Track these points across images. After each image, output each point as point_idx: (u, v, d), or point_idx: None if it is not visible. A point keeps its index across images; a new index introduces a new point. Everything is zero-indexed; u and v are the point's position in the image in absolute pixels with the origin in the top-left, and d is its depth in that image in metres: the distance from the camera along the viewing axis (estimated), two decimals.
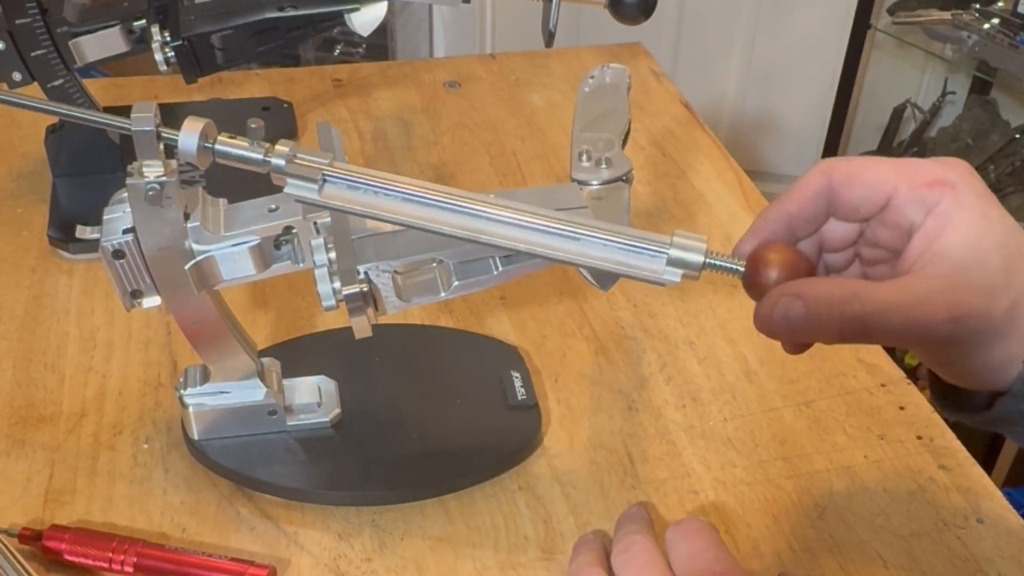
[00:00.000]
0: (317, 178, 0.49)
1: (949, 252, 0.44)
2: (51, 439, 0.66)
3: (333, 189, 0.49)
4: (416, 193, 0.49)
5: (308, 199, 0.49)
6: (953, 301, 0.43)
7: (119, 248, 0.54)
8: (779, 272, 0.46)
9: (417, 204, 0.49)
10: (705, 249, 0.48)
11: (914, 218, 0.46)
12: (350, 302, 0.54)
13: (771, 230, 0.49)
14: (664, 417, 0.69)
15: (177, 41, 0.79)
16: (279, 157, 0.49)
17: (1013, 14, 1.72)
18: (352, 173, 0.49)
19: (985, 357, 0.45)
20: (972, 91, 2.02)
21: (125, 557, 0.56)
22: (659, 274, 0.48)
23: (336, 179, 0.49)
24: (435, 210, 0.49)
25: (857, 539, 0.61)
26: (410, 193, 0.49)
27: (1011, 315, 0.44)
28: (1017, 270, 0.44)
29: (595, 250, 0.48)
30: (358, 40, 2.10)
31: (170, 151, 0.51)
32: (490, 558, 0.60)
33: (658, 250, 0.48)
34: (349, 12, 0.81)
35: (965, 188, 0.45)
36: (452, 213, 0.49)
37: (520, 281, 0.78)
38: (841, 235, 0.49)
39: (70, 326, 0.75)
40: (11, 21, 0.76)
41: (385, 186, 0.49)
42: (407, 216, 0.49)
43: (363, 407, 0.66)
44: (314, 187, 0.49)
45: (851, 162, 0.48)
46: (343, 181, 0.49)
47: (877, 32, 1.93)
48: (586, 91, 0.68)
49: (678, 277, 0.48)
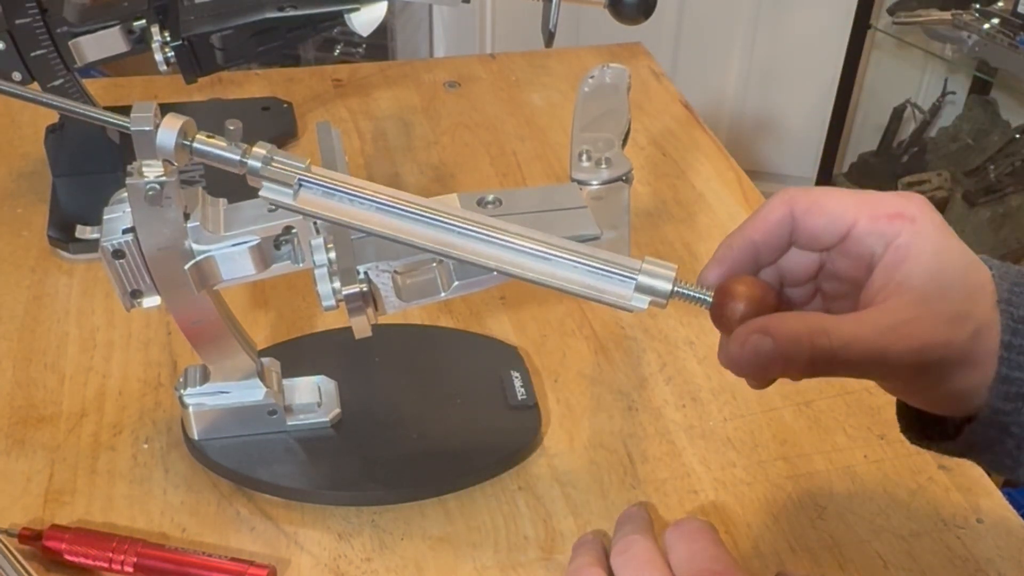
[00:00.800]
0: (292, 182, 0.49)
1: (910, 283, 0.45)
2: (51, 439, 0.66)
3: (308, 195, 0.49)
4: (390, 203, 0.49)
5: (282, 203, 0.49)
6: (917, 332, 0.44)
7: (119, 248, 0.54)
8: (746, 306, 0.46)
9: (390, 214, 0.49)
10: (674, 278, 0.48)
11: (875, 249, 0.46)
12: (350, 302, 0.54)
13: (735, 259, 0.49)
14: (664, 417, 0.69)
15: (177, 41, 0.79)
16: (255, 159, 0.48)
17: (1013, 14, 1.72)
18: (328, 179, 0.49)
19: (951, 386, 0.46)
20: (972, 91, 2.02)
21: (125, 557, 0.56)
22: (627, 300, 0.48)
23: (311, 184, 0.49)
24: (408, 222, 0.49)
25: (857, 539, 0.61)
26: (384, 203, 0.49)
27: (974, 344, 0.45)
28: (978, 299, 0.45)
29: (565, 271, 0.48)
30: (358, 40, 2.10)
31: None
32: (490, 558, 0.60)
33: (627, 275, 0.48)
34: (349, 12, 0.81)
35: (924, 221, 0.46)
36: (425, 226, 0.49)
37: (520, 281, 0.78)
38: (803, 268, 0.50)
39: (70, 326, 0.75)
40: (11, 21, 0.76)
41: (360, 194, 0.49)
42: (379, 226, 0.49)
43: (363, 407, 0.66)
44: (289, 191, 0.49)
45: (812, 192, 0.48)
46: (318, 187, 0.49)
47: (877, 32, 1.94)
48: (586, 91, 0.67)
49: (645, 304, 0.48)
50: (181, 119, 0.48)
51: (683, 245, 0.85)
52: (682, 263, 0.83)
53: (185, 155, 0.49)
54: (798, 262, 0.50)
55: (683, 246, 0.85)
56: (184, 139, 0.48)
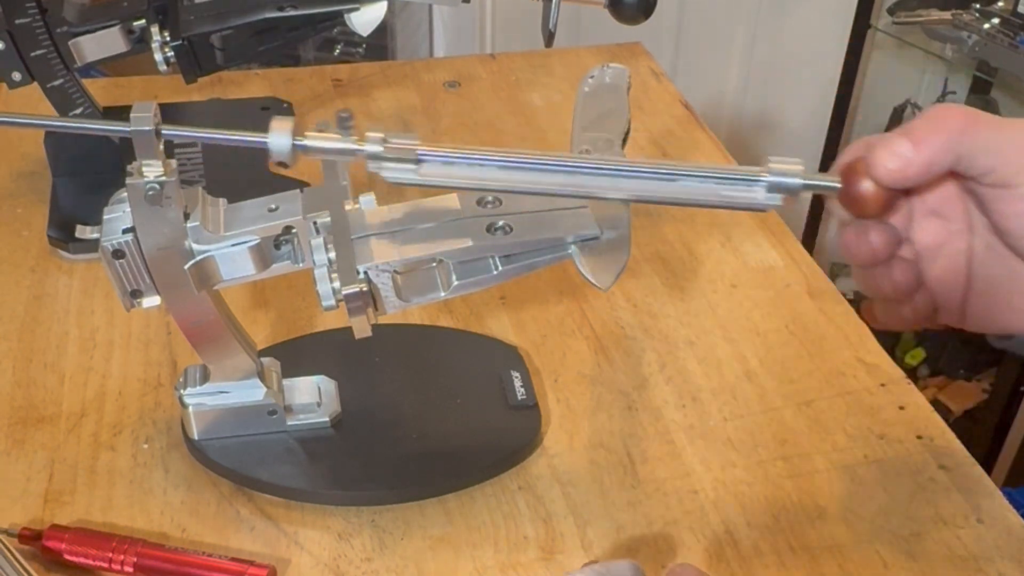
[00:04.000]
0: (413, 159, 0.49)
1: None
2: (51, 439, 0.66)
3: (429, 167, 0.50)
4: (509, 160, 0.50)
5: (407, 181, 0.49)
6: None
7: (119, 248, 0.54)
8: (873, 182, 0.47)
9: (513, 170, 0.50)
10: (801, 171, 0.48)
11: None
12: (350, 302, 0.54)
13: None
14: (664, 417, 0.69)
15: (177, 41, 0.79)
16: (373, 144, 0.49)
17: (1013, 14, 1.72)
18: (444, 149, 0.50)
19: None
20: (972, 91, 2.01)
21: (125, 557, 0.56)
22: (760, 201, 0.49)
23: (430, 157, 0.49)
24: (531, 173, 0.50)
25: (857, 539, 0.61)
26: (503, 160, 0.50)
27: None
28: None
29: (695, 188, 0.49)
30: (358, 40, 2.09)
31: (169, 150, 0.51)
32: (490, 558, 0.60)
33: (756, 179, 0.49)
34: (349, 12, 0.81)
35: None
36: (550, 173, 0.50)
37: (520, 281, 0.78)
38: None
39: (70, 326, 0.75)
40: (11, 21, 0.76)
41: (478, 157, 0.50)
42: (506, 183, 0.50)
43: (363, 407, 0.66)
44: (412, 168, 0.49)
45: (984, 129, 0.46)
46: (438, 158, 0.50)
47: (877, 32, 1.93)
48: (586, 91, 0.67)
49: (779, 201, 0.49)
50: (289, 120, 0.48)
51: (683, 245, 0.85)
52: (682, 263, 0.83)
53: (299, 156, 0.49)
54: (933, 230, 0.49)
55: (683, 246, 0.85)
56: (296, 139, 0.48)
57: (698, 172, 0.49)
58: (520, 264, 0.56)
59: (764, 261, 0.84)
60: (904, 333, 1.95)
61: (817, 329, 0.77)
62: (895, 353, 1.93)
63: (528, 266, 0.56)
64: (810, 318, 0.78)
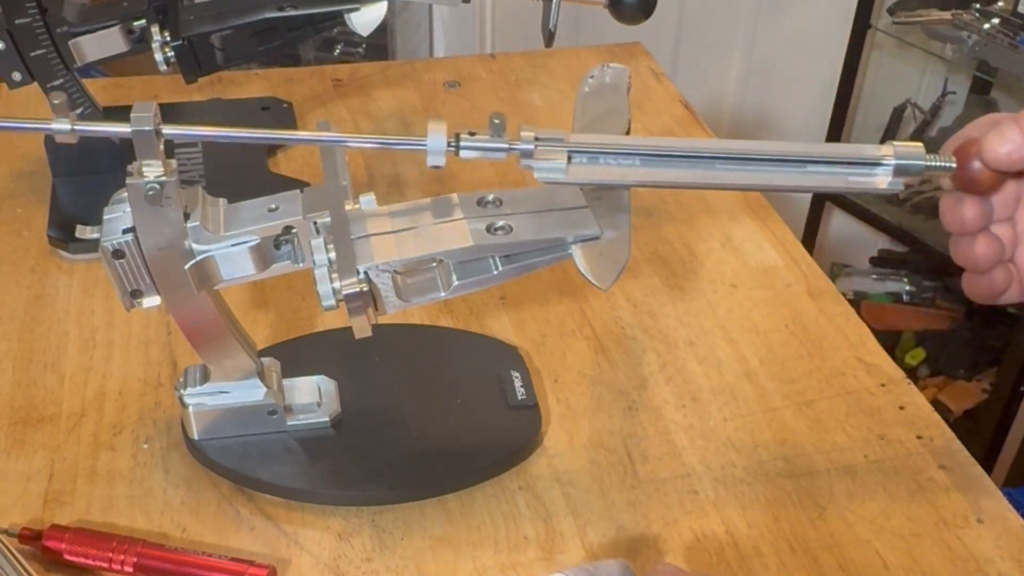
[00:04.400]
0: (563, 158, 0.51)
1: None
2: (51, 439, 0.66)
3: (577, 166, 0.52)
4: (652, 152, 0.52)
5: (556, 180, 0.51)
6: None
7: (119, 248, 0.54)
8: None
9: (654, 164, 0.52)
10: (924, 154, 0.51)
11: None
12: (350, 302, 0.54)
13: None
14: (664, 417, 0.69)
15: (177, 41, 0.79)
16: (526, 143, 0.51)
17: (1013, 14, 1.72)
18: (592, 145, 0.51)
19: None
20: (972, 91, 2.01)
21: (125, 557, 0.56)
22: (884, 184, 0.52)
23: (580, 154, 0.51)
24: (671, 167, 0.52)
25: (857, 539, 0.61)
26: (646, 153, 0.52)
27: None
28: None
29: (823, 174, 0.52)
30: (358, 40, 2.09)
31: (169, 150, 0.51)
32: (490, 558, 0.60)
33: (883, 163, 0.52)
34: (349, 12, 0.81)
35: None
36: (688, 166, 0.52)
37: (520, 281, 0.78)
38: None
39: (70, 326, 0.75)
40: (11, 21, 0.76)
41: (622, 151, 0.52)
42: (647, 177, 0.52)
43: (363, 407, 0.66)
44: (560, 167, 0.51)
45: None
46: (585, 155, 0.51)
47: (877, 32, 1.93)
48: (586, 91, 0.67)
49: (901, 185, 0.52)
50: (442, 123, 0.50)
51: (683, 245, 0.85)
52: (682, 263, 0.83)
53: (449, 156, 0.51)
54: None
55: (683, 246, 0.85)
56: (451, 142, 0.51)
57: (827, 158, 0.52)
58: (520, 264, 0.56)
59: (764, 261, 0.84)
60: (904, 333, 1.95)
61: (817, 329, 0.77)
62: (895, 353, 1.93)
63: (528, 266, 0.56)
64: (810, 318, 0.78)
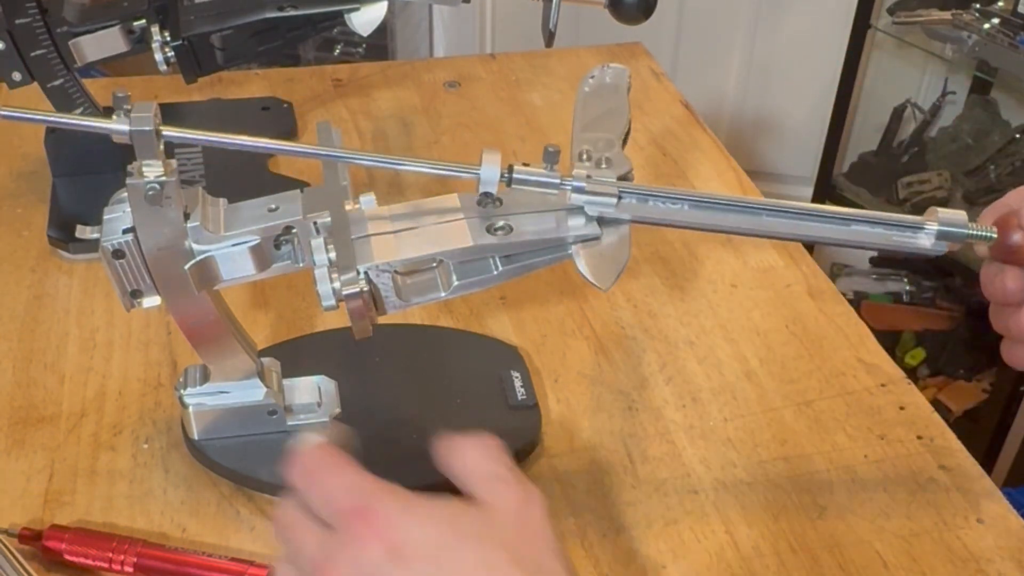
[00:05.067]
0: (615, 195, 0.54)
1: None
2: (51, 439, 0.66)
3: (627, 203, 0.54)
4: (700, 199, 0.54)
5: (607, 215, 0.54)
6: None
7: (119, 248, 0.54)
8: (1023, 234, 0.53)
9: (702, 209, 0.54)
10: (966, 222, 0.54)
11: None
12: (350, 302, 0.54)
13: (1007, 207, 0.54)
14: (664, 417, 0.69)
15: (177, 41, 0.79)
16: (578, 181, 0.54)
17: (1013, 14, 1.72)
18: (641, 189, 0.54)
19: None
20: (972, 91, 2.01)
21: (125, 557, 0.56)
22: (927, 247, 0.54)
23: (629, 194, 0.54)
24: (719, 213, 0.54)
25: (857, 539, 0.61)
26: (695, 199, 0.54)
27: None
28: None
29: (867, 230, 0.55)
30: (358, 40, 2.10)
31: (169, 150, 0.51)
32: None
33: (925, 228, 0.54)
34: (349, 12, 0.81)
35: None
36: (734, 214, 0.54)
37: (520, 281, 0.78)
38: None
39: (70, 326, 0.75)
40: (11, 21, 0.76)
41: (673, 195, 0.54)
42: (696, 220, 0.55)
43: (363, 407, 0.66)
44: (612, 202, 0.54)
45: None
46: (635, 195, 0.54)
47: (877, 32, 1.93)
48: (586, 91, 0.67)
49: (944, 249, 0.54)
50: (496, 153, 0.52)
51: (683, 245, 0.85)
52: (682, 263, 0.83)
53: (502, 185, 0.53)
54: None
55: (683, 246, 0.85)
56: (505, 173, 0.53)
57: (871, 218, 0.54)
58: (520, 264, 0.56)
59: (764, 261, 0.84)
60: (904, 333, 1.95)
61: (817, 329, 0.77)
62: (895, 353, 1.93)
63: (528, 266, 0.56)
64: (810, 318, 0.78)
